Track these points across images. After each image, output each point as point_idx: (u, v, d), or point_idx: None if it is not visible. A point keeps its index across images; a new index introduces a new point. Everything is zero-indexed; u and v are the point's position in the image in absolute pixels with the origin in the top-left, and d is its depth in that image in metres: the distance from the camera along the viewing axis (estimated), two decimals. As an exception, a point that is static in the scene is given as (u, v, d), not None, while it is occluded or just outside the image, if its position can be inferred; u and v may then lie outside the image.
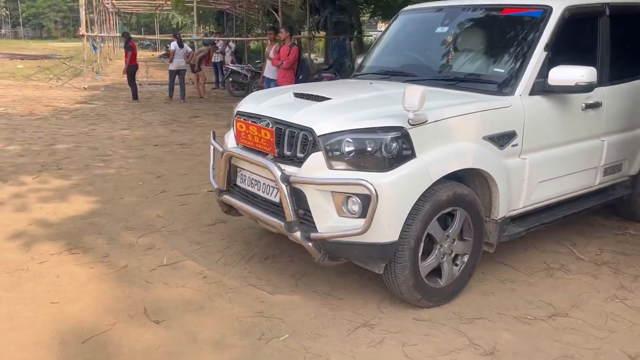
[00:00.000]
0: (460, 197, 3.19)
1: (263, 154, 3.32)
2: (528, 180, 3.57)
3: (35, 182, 5.79)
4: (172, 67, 13.38)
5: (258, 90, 13.94)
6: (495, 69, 3.68)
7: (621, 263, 3.98)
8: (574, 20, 3.70)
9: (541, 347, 2.91)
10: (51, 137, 8.41)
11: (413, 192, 2.98)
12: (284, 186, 3.08)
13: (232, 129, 3.74)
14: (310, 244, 3.10)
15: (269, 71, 9.58)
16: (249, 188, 3.52)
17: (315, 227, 3.10)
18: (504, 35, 3.79)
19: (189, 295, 3.38)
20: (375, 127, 2.99)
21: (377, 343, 2.91)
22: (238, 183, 3.63)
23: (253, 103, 3.68)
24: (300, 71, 8.79)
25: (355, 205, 2.98)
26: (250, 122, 3.39)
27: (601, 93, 3.91)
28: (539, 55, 3.53)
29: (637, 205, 4.69)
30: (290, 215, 3.11)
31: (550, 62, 3.57)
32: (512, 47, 3.69)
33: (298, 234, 3.11)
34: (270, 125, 3.28)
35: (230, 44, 17.29)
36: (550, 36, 3.56)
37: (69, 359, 2.70)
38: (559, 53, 3.66)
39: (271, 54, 9.72)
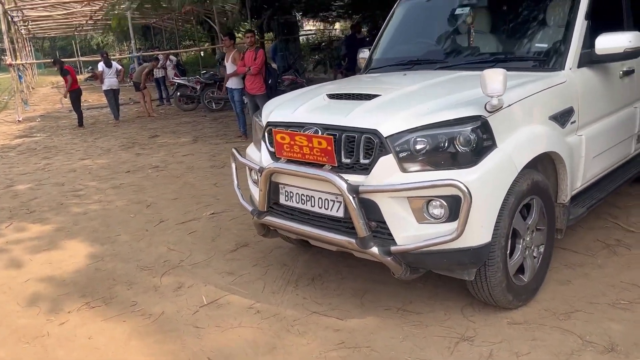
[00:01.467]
0: (537, 184, 2.95)
1: (316, 165, 2.94)
2: (585, 157, 3.40)
3: (10, 230, 5.12)
4: (105, 87, 12.63)
5: (211, 102, 13.41)
6: (537, 45, 3.47)
7: (672, 230, 3.90)
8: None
9: (655, 332, 2.72)
10: (5, 177, 7.59)
11: (502, 186, 2.71)
12: (351, 198, 2.73)
13: (262, 142, 3.34)
14: (389, 258, 2.77)
15: (232, 80, 9.08)
16: (299, 205, 3.13)
17: (393, 239, 2.77)
18: (537, 8, 3.58)
19: (251, 336, 2.96)
20: (450, 120, 2.69)
21: (487, 357, 2.62)
22: (282, 202, 3.23)
23: (286, 110, 3.29)
24: (269, 75, 8.36)
25: (437, 209, 2.67)
26: (294, 132, 3.00)
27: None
28: (581, 24, 3.35)
29: (658, 169, 4.65)
30: (363, 229, 2.75)
31: (591, 31, 3.41)
32: (550, 20, 3.49)
33: (375, 250, 2.76)
34: (321, 133, 2.92)
35: (171, 57, 16.53)
36: (589, 3, 3.39)
37: None
38: (594, 21, 3.50)
39: (229, 62, 9.22)
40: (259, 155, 3.42)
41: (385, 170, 2.73)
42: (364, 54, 4.56)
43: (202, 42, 28.38)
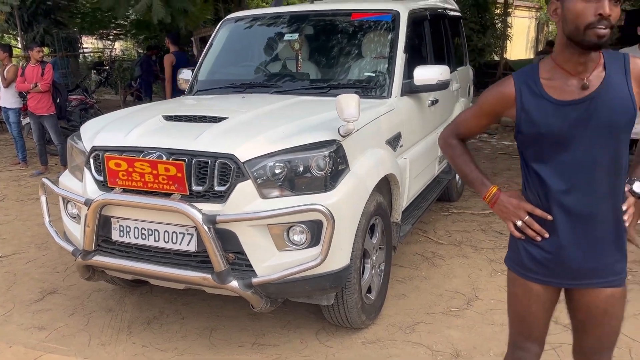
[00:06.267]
0: (380, 205, 3.08)
1: (161, 195, 2.62)
2: (409, 178, 3.68)
3: None
4: None
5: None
6: (367, 74, 3.66)
7: (472, 240, 4.44)
8: (413, 23, 3.92)
9: (486, 334, 3.02)
10: None
11: (358, 208, 2.76)
12: (207, 229, 2.49)
13: (86, 170, 2.88)
14: (250, 291, 2.59)
15: (7, 98, 7.80)
16: (138, 241, 2.74)
17: (253, 270, 2.61)
18: (363, 39, 3.79)
19: (88, 402, 2.48)
20: (306, 144, 2.65)
21: (354, 382, 2.61)
22: (115, 238, 2.80)
23: (116, 133, 2.89)
24: (57, 93, 7.36)
25: (298, 235, 2.60)
26: (131, 157, 2.63)
27: (438, 90, 4.26)
28: (401, 57, 3.64)
29: (451, 187, 5.31)
30: (220, 263, 2.53)
31: (408, 63, 3.73)
32: (374, 51, 3.73)
33: (234, 284, 2.56)
34: (165, 158, 2.62)
35: None
36: (406, 39, 3.71)
37: None
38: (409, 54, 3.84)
39: (3, 76, 7.92)
40: (81, 185, 2.94)
41: (244, 198, 2.56)
42: (185, 74, 4.29)
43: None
